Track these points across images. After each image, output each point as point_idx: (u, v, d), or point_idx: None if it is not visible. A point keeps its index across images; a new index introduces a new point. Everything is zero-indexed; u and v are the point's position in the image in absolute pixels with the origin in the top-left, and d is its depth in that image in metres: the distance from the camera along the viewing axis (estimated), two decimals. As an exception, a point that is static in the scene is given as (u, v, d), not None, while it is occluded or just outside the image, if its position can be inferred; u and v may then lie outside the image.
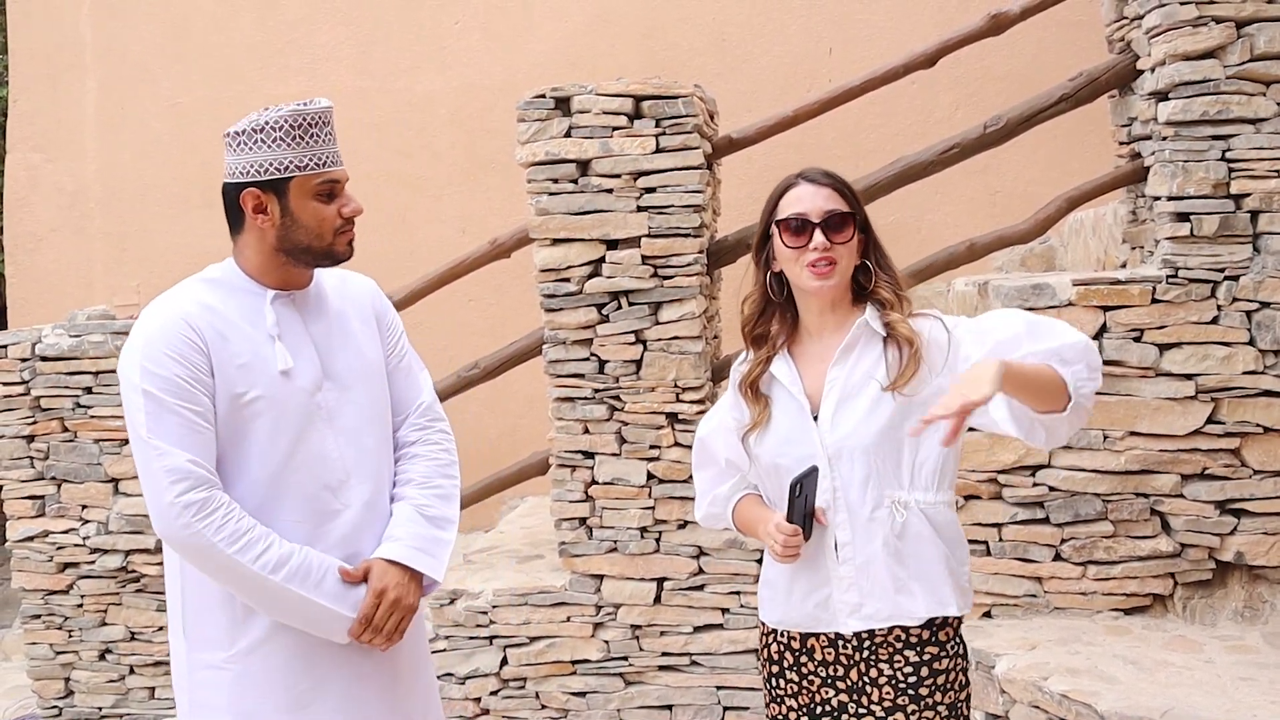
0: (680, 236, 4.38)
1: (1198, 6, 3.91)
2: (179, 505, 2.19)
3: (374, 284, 2.64)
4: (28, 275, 7.78)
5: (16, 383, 4.95)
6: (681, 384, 4.38)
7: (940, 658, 2.38)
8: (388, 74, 7.38)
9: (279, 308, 2.38)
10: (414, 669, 2.51)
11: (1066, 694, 3.39)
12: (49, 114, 7.75)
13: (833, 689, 2.42)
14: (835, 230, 2.37)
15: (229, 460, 2.29)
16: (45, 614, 5.01)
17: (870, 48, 6.79)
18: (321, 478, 2.36)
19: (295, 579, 2.24)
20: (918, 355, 2.32)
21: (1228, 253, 3.92)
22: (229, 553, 2.20)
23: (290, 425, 2.32)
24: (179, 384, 2.23)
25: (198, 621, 2.35)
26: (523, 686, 4.56)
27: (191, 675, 2.36)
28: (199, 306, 2.31)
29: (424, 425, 2.59)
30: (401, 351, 2.61)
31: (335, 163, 2.35)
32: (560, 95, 4.42)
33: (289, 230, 2.33)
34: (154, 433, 2.21)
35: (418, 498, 2.48)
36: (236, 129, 2.31)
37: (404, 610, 2.36)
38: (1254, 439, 3.94)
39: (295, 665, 2.32)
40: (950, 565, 2.38)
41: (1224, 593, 4.02)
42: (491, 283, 6.75)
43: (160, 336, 2.27)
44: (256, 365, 2.31)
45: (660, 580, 4.47)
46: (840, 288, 2.42)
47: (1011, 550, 4.09)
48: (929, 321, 2.37)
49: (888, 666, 2.37)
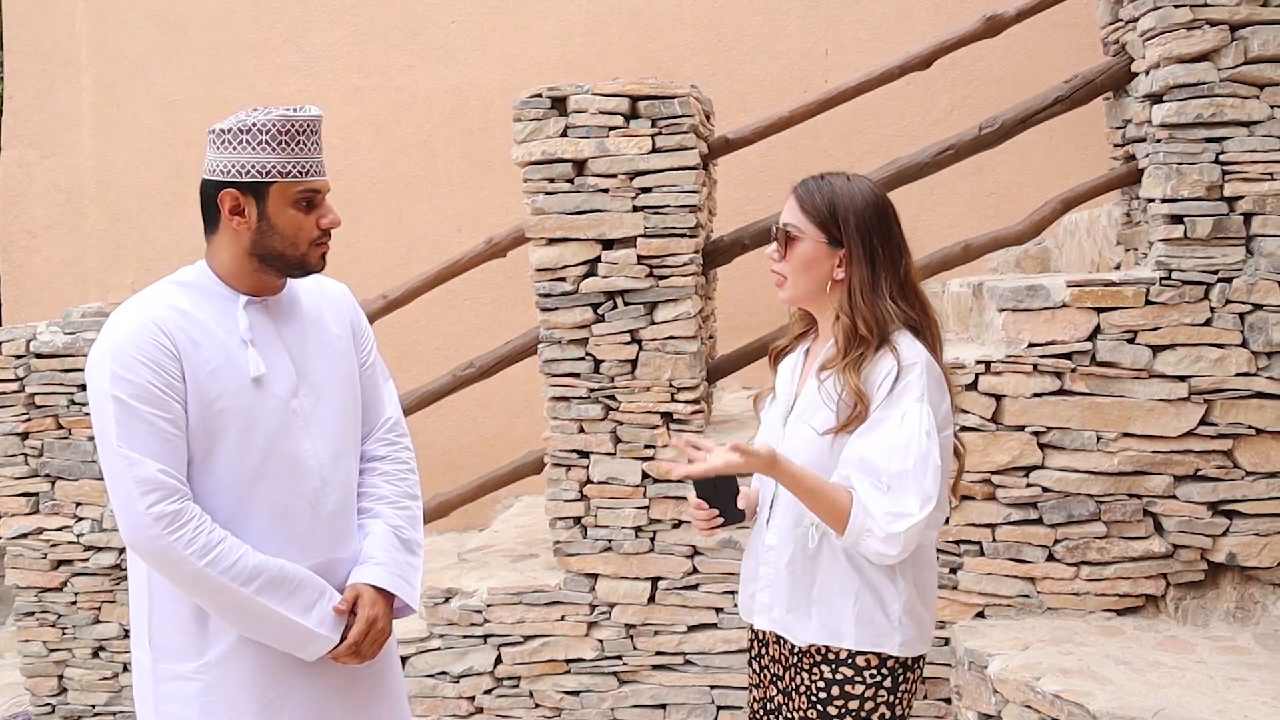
0: (676, 236, 4.38)
1: (1192, 9, 3.92)
2: (150, 517, 2.15)
3: (348, 289, 2.62)
4: (22, 272, 7.77)
5: (11, 380, 4.94)
6: (677, 384, 4.39)
7: (854, 682, 2.36)
8: (384, 72, 7.37)
9: (251, 313, 2.34)
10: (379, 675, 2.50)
11: (1059, 694, 3.40)
12: (44, 111, 7.74)
13: (775, 687, 2.50)
14: (781, 244, 2.40)
15: (200, 468, 2.25)
16: (39, 611, 5.01)
17: (866, 49, 6.80)
18: (296, 486, 2.33)
19: (266, 591, 2.22)
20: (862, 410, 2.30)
21: (1221, 255, 3.93)
22: (199, 565, 2.16)
23: (263, 433, 2.29)
24: (150, 390, 2.18)
25: (165, 630, 2.31)
26: (517, 685, 4.56)
27: (157, 687, 2.32)
28: (170, 310, 2.27)
29: (391, 441, 2.59)
30: (372, 361, 2.59)
31: (319, 173, 2.32)
32: (557, 95, 4.42)
33: (264, 236, 2.29)
34: (124, 442, 2.17)
35: (393, 518, 2.49)
36: (222, 126, 2.29)
37: (385, 635, 2.40)
38: (1246, 440, 3.96)
39: (263, 675, 2.30)
40: (861, 601, 2.35)
41: (1216, 594, 4.03)
42: (487, 282, 6.75)
43: (131, 341, 2.21)
44: (228, 371, 2.27)
45: (655, 579, 4.48)
46: (816, 300, 2.43)
47: (1005, 551, 4.10)
48: (890, 361, 2.31)
49: (807, 676, 2.40)
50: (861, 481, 2.26)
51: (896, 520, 2.21)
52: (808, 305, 2.45)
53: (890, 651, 2.37)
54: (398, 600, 2.42)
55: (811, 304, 2.45)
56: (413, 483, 2.58)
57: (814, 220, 2.38)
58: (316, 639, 2.29)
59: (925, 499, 2.23)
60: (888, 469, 2.24)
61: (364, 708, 2.44)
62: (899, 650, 2.38)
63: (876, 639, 2.36)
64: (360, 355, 2.55)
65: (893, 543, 2.22)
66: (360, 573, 2.39)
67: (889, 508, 2.22)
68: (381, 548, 2.42)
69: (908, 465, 2.23)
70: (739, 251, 4.80)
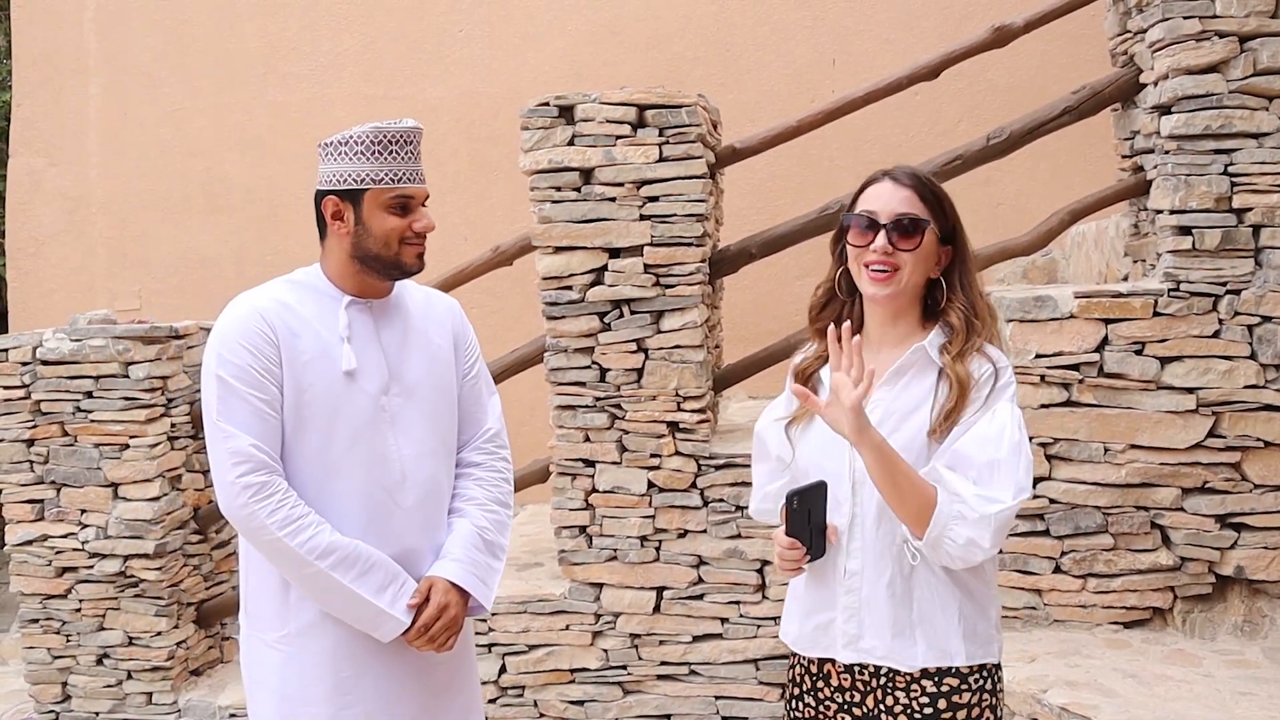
0: (683, 245, 4.38)
1: (1201, 21, 3.92)
2: (239, 486, 2.32)
3: (458, 305, 2.75)
4: (29, 279, 7.78)
5: (17, 386, 4.94)
6: (683, 393, 4.38)
7: (961, 691, 2.24)
8: (391, 81, 7.39)
9: (353, 313, 2.49)
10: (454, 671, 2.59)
11: (1066, 706, 3.39)
12: (52, 118, 7.76)
13: (849, 715, 2.32)
14: (902, 235, 2.23)
15: (291, 449, 2.41)
16: (43, 618, 5.00)
17: (874, 59, 6.80)
18: (378, 477, 2.46)
19: (340, 567, 2.34)
20: (964, 401, 2.19)
21: (1229, 267, 3.92)
22: (280, 535, 2.31)
23: (350, 424, 2.43)
24: (249, 372, 2.36)
25: (257, 598, 2.49)
26: (521, 695, 4.55)
27: (249, 651, 2.51)
28: (276, 303, 2.44)
29: (490, 451, 2.71)
30: (476, 374, 2.71)
31: (412, 180, 2.47)
32: (564, 103, 4.43)
33: (361, 238, 2.45)
34: (223, 416, 2.35)
35: (479, 519, 2.61)
36: (328, 140, 2.45)
37: (457, 625, 2.48)
38: (1255, 453, 3.94)
39: (339, 652, 2.42)
40: (964, 613, 2.24)
41: (1224, 607, 4.02)
42: (493, 290, 6.75)
43: (236, 327, 2.40)
44: (323, 364, 2.43)
45: (660, 589, 4.47)
46: (903, 299, 2.28)
47: (1011, 562, 4.09)
48: (985, 363, 2.23)
49: (904, 695, 2.25)
50: (949, 474, 2.16)
51: (989, 504, 2.12)
52: (901, 301, 2.29)
53: (992, 660, 2.29)
54: (472, 600, 2.52)
55: (905, 300, 2.30)
56: (505, 491, 2.70)
57: (930, 210, 2.26)
58: (388, 619, 2.39)
59: (1019, 489, 2.15)
60: (978, 458, 2.15)
61: (435, 696, 2.54)
62: (999, 656, 2.31)
63: (985, 649, 2.27)
64: (463, 366, 2.67)
65: (984, 526, 2.11)
66: (438, 567, 2.51)
67: (981, 492, 2.13)
68: (462, 546, 2.55)
69: (1000, 455, 2.15)
70: (746, 261, 4.80)
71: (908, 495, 2.14)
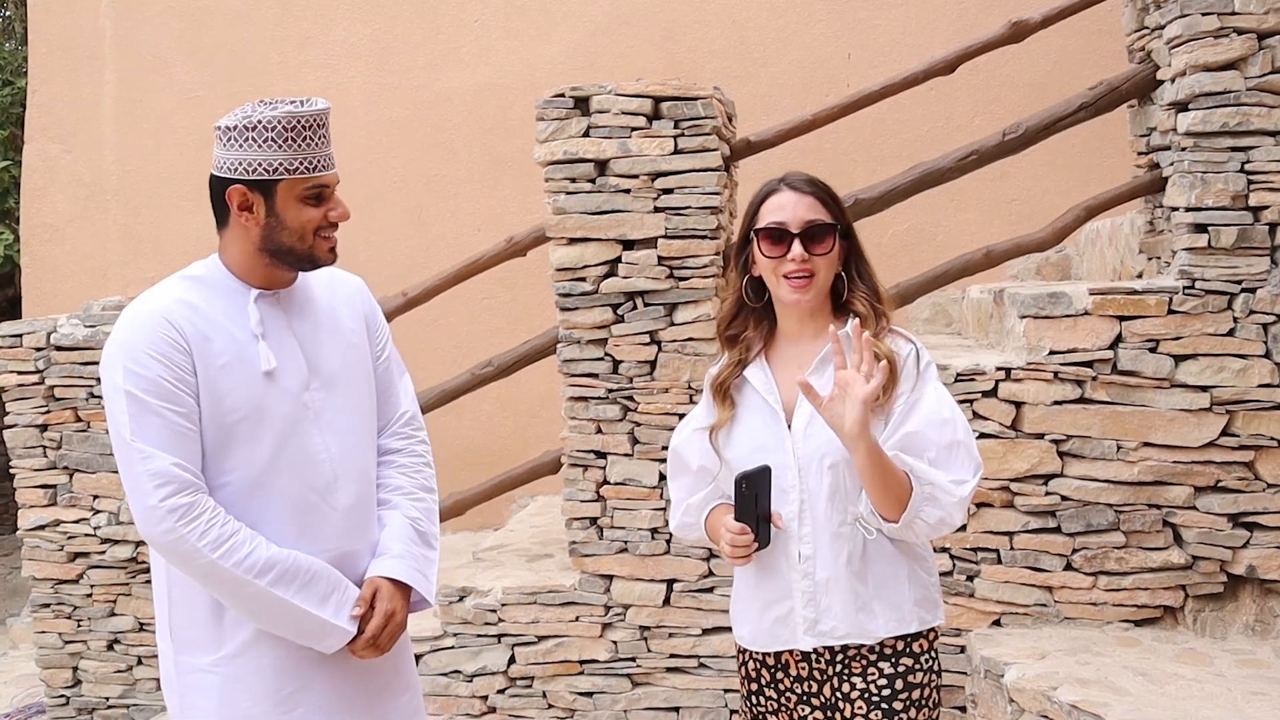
0: (697, 238, 4.37)
1: (1219, 18, 3.90)
2: (163, 510, 2.15)
3: (363, 282, 2.60)
4: (44, 265, 7.81)
5: (31, 372, 4.96)
6: (695, 385, 4.38)
7: (915, 670, 2.36)
8: (406, 71, 7.39)
9: (263, 306, 2.33)
10: (395, 671, 2.50)
11: (1076, 704, 3.38)
12: (67, 105, 7.78)
13: (808, 705, 2.40)
14: (814, 241, 2.34)
15: (213, 462, 2.25)
16: (55, 603, 5.03)
17: (890, 53, 6.79)
18: (308, 479, 2.32)
19: (280, 583, 2.21)
20: (895, 375, 2.29)
21: (1245, 265, 3.91)
22: (213, 558, 2.16)
23: (274, 426, 2.28)
24: (162, 385, 2.18)
25: (183, 624, 2.32)
26: (530, 685, 4.56)
27: (180, 678, 2.33)
28: (181, 305, 2.26)
29: (408, 435, 2.59)
30: (388, 355, 2.59)
31: (326, 166, 2.29)
32: (579, 95, 4.42)
33: (273, 231, 2.28)
34: (137, 435, 2.17)
35: (410, 509, 2.49)
36: (228, 123, 2.25)
37: (401, 628, 2.39)
38: (1268, 452, 3.93)
39: (281, 668, 2.30)
40: (915, 580, 2.37)
41: (1235, 606, 4.01)
42: (507, 281, 6.76)
43: (142, 336, 2.22)
44: (239, 366, 2.26)
45: (670, 582, 4.47)
46: (819, 298, 2.39)
47: (1022, 559, 4.08)
48: (904, 343, 2.35)
49: (860, 680, 2.35)
50: (918, 463, 2.27)
51: (960, 486, 2.27)
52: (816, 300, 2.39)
53: (939, 621, 2.41)
54: (414, 594, 2.42)
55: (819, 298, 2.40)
56: (429, 476, 2.58)
57: (831, 212, 2.38)
58: (334, 631, 2.28)
59: (976, 466, 2.31)
60: (938, 440, 2.27)
61: (381, 700, 2.44)
62: (943, 617, 2.43)
63: (933, 613, 2.40)
64: (375, 349, 2.53)
65: (959, 507, 2.26)
66: (378, 565, 2.39)
67: (950, 477, 2.27)
68: (399, 540, 2.42)
69: (958, 436, 2.29)
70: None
71: (891, 485, 2.24)
